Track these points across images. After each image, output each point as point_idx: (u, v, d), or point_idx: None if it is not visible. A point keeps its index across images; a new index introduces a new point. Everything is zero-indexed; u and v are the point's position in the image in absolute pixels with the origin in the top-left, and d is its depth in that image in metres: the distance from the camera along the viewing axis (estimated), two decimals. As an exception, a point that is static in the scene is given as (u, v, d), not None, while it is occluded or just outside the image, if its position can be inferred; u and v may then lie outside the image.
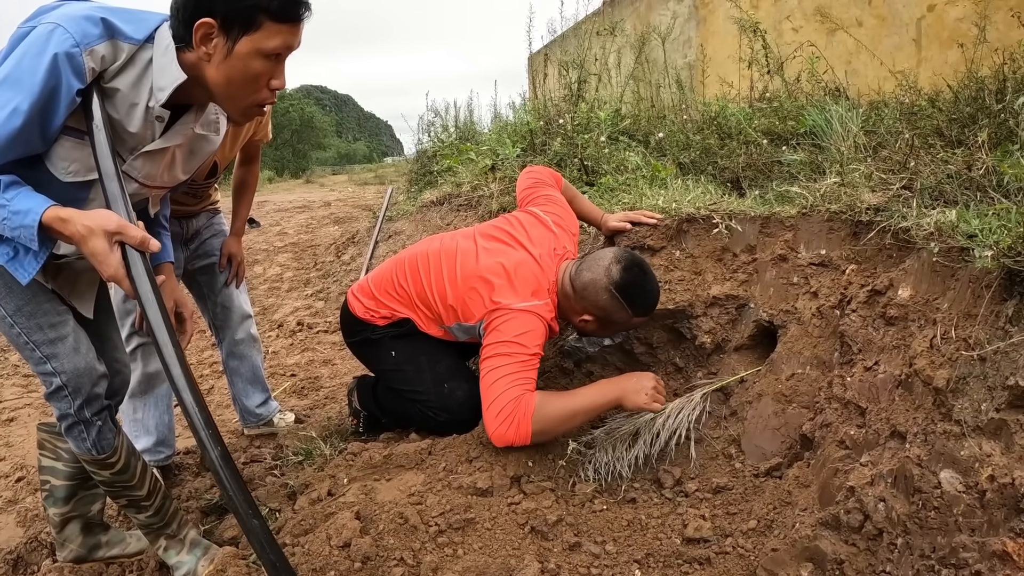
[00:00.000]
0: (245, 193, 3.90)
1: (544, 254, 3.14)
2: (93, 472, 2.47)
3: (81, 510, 2.74)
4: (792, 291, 3.11)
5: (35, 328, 2.22)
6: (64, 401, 2.29)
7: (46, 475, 2.66)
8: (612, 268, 2.97)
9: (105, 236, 1.88)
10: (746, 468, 2.84)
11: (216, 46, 1.96)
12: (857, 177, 3.11)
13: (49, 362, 2.23)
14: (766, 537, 2.41)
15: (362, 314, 3.37)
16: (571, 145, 5.13)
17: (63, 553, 2.77)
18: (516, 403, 2.71)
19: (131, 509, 2.60)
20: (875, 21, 6.97)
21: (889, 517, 2.03)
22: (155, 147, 2.19)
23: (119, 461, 2.47)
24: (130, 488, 2.54)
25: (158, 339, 1.95)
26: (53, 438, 2.62)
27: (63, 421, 2.34)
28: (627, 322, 3.07)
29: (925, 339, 2.22)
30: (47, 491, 2.67)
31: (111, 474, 2.47)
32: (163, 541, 2.68)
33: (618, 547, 2.46)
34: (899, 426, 2.17)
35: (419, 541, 2.41)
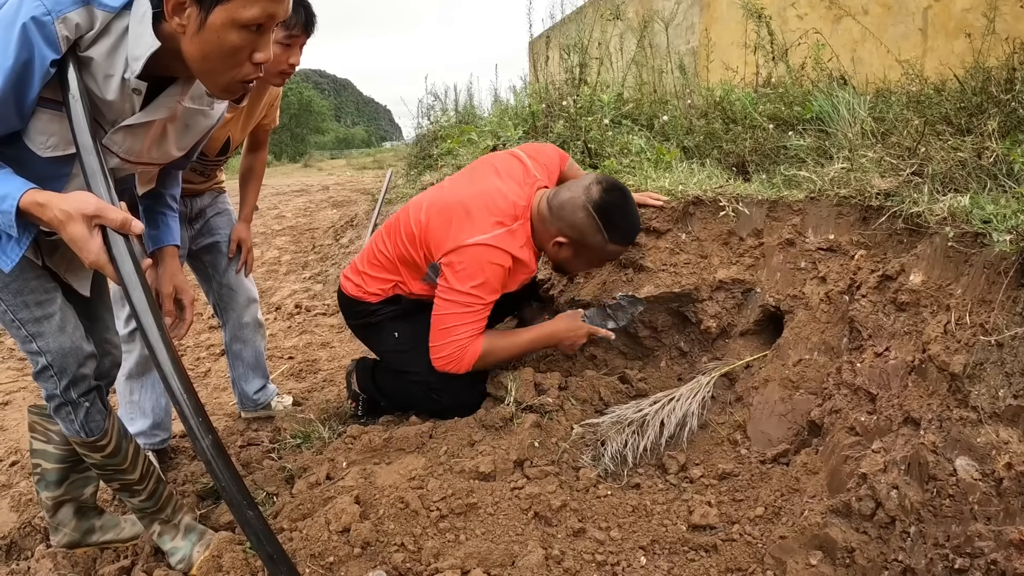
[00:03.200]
0: (252, 179, 3.83)
1: (514, 183, 3.08)
2: (84, 455, 2.42)
3: (74, 493, 2.69)
4: (800, 276, 3.07)
5: (21, 306, 2.16)
6: (50, 381, 2.23)
7: (37, 458, 2.61)
8: (592, 187, 2.93)
9: (84, 220, 1.79)
10: (752, 454, 2.80)
11: (189, 16, 1.80)
12: (866, 162, 3.06)
13: (35, 341, 2.18)
14: (774, 524, 2.37)
15: (353, 292, 3.34)
16: (574, 128, 5.08)
17: (56, 538, 2.72)
18: (463, 350, 2.94)
19: (124, 493, 2.56)
20: (881, 9, 6.92)
21: (902, 505, 1.99)
22: (135, 121, 2.05)
23: (109, 444, 2.41)
24: (122, 472, 2.49)
25: (143, 323, 1.86)
26: (44, 420, 2.57)
27: (50, 402, 2.28)
28: (602, 249, 2.99)
29: (939, 325, 2.18)
30: (39, 475, 2.63)
31: (102, 457, 2.41)
32: (157, 526, 2.63)
33: (623, 533, 2.42)
34: (912, 412, 2.14)
35: (420, 526, 2.37)
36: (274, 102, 3.48)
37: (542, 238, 3.06)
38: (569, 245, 3.00)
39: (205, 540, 2.62)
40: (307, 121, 51.05)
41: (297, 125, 49.71)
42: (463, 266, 2.87)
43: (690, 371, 3.34)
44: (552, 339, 3.13)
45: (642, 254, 3.43)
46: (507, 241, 2.90)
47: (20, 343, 2.21)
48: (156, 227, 2.56)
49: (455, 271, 2.89)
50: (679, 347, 3.45)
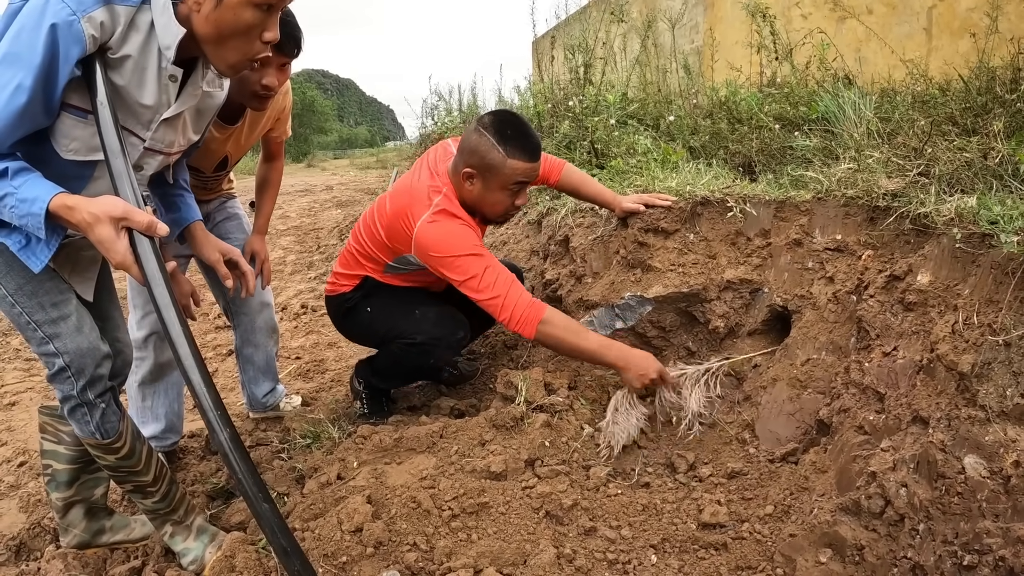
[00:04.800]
0: (268, 190, 3.81)
1: (442, 165, 3.18)
2: (97, 456, 2.44)
3: (84, 494, 2.70)
4: (807, 276, 3.09)
5: (37, 308, 2.18)
6: (67, 383, 2.24)
7: (48, 459, 2.62)
8: (484, 115, 3.05)
9: (111, 223, 1.85)
10: (761, 453, 2.82)
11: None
12: (873, 163, 3.08)
13: (51, 342, 2.19)
14: (783, 523, 2.39)
15: (330, 291, 3.56)
16: (580, 128, 5.09)
17: (67, 539, 2.73)
18: (519, 298, 2.93)
19: (136, 494, 2.57)
20: (885, 9, 6.92)
21: (911, 502, 2.01)
22: (173, 112, 2.16)
23: (124, 446, 2.43)
24: (135, 473, 2.50)
25: (166, 319, 1.91)
26: (55, 421, 2.59)
27: (66, 404, 2.29)
28: (503, 166, 2.95)
29: (947, 324, 2.20)
30: (49, 475, 2.64)
31: (116, 459, 2.43)
32: (169, 527, 2.65)
33: (634, 532, 2.44)
34: (921, 411, 2.15)
35: (432, 526, 2.39)
36: (280, 115, 3.46)
37: (461, 191, 3.09)
38: (476, 176, 3.01)
39: (217, 541, 2.64)
40: (310, 121, 50.99)
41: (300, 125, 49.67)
42: (439, 247, 2.95)
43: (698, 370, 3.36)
44: (622, 360, 2.94)
45: (650, 254, 3.45)
46: (447, 203, 3.01)
47: (35, 345, 2.22)
48: (176, 210, 2.62)
49: (442, 257, 2.96)
50: (687, 347, 3.46)
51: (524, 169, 3.00)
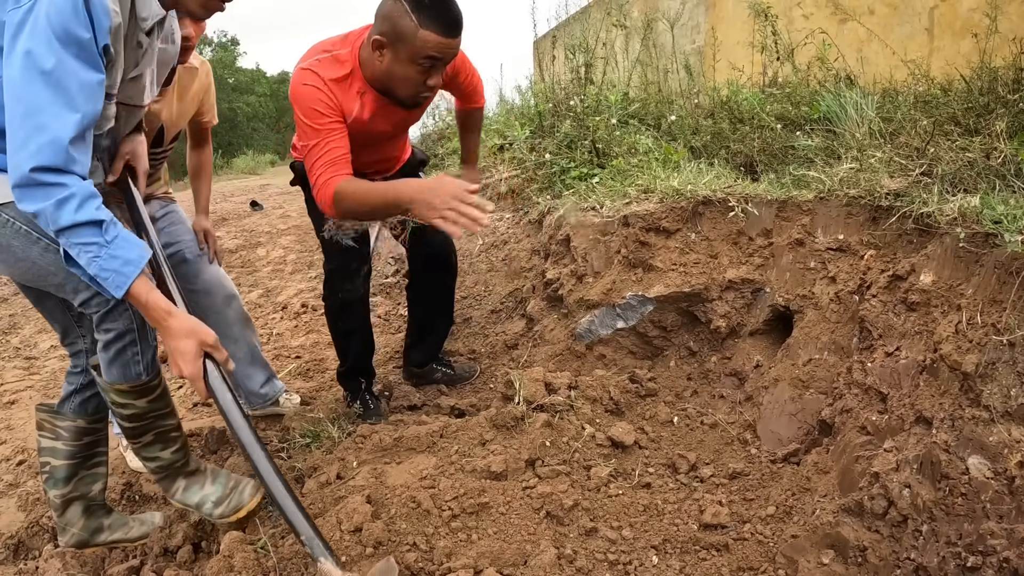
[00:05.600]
0: (202, 175, 3.81)
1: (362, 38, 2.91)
2: (126, 404, 2.37)
3: (82, 490, 2.65)
4: (809, 276, 3.08)
5: None
6: (123, 316, 2.20)
7: (46, 456, 2.59)
8: None
9: (198, 344, 2.08)
10: (762, 454, 2.81)
11: None
12: (875, 162, 3.07)
13: None
14: (785, 523, 2.38)
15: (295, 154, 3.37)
16: (582, 127, 5.08)
17: (65, 538, 2.67)
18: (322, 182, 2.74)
19: (155, 446, 2.51)
20: (887, 9, 6.90)
21: (914, 503, 2.00)
22: (138, 72, 2.23)
23: (159, 384, 2.42)
24: (163, 416, 2.48)
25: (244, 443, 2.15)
26: (52, 417, 2.57)
27: (117, 342, 2.24)
28: (413, 36, 2.63)
29: (950, 324, 2.19)
30: (47, 473, 2.60)
31: (148, 401, 2.39)
32: (182, 481, 2.60)
33: (635, 532, 2.43)
34: (924, 412, 2.14)
35: (432, 526, 2.37)
36: (206, 96, 3.46)
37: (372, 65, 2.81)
38: (386, 45, 2.70)
39: (235, 479, 2.64)
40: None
41: (302, 125, 49.75)
42: (295, 100, 2.83)
43: (700, 370, 3.35)
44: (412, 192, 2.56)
45: (652, 254, 3.44)
46: (322, 66, 2.81)
47: (85, 287, 2.15)
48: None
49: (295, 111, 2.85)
50: (688, 347, 3.46)
51: (436, 43, 2.67)
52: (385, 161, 3.36)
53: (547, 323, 3.91)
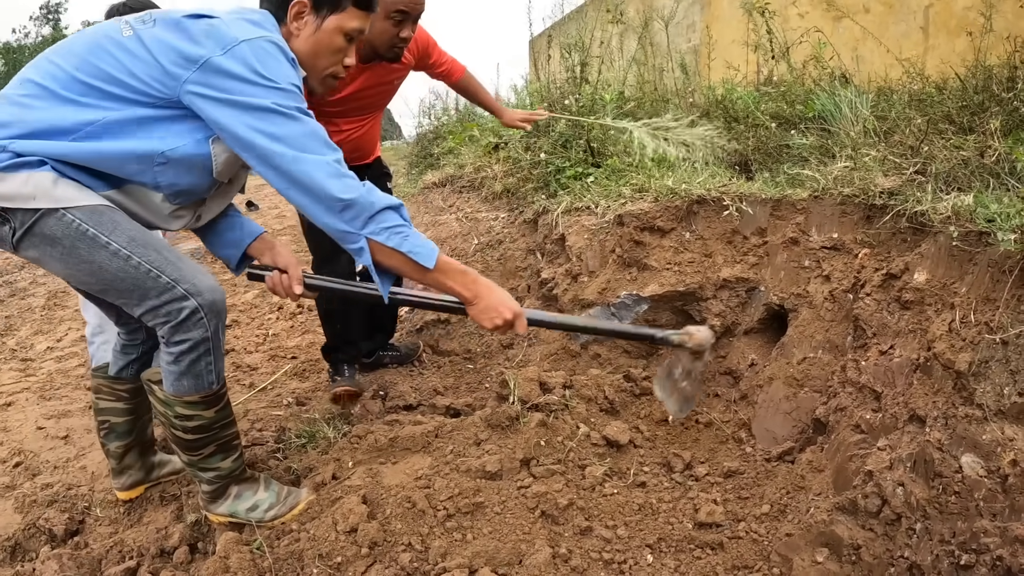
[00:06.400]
0: None
1: None
2: (192, 416, 2.34)
3: (141, 436, 2.82)
4: (803, 274, 3.08)
5: (155, 254, 2.12)
6: (198, 326, 2.17)
7: (105, 415, 2.72)
8: None
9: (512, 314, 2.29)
10: (757, 452, 2.82)
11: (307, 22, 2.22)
12: (869, 161, 3.07)
13: (179, 285, 2.13)
14: (780, 522, 2.38)
15: None
16: (576, 126, 5.07)
17: (122, 480, 2.84)
18: None
19: (215, 458, 2.48)
20: (882, 8, 6.91)
21: (908, 502, 2.00)
22: None
23: (226, 393, 2.42)
24: (227, 425, 2.47)
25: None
26: (110, 382, 2.69)
27: (191, 353, 2.21)
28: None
29: (944, 323, 2.19)
30: (107, 428, 2.74)
31: (216, 411, 2.38)
32: (234, 488, 2.58)
33: (629, 531, 2.43)
34: (918, 410, 2.14)
35: (427, 526, 2.37)
36: None
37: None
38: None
39: (286, 487, 2.66)
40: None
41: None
42: None
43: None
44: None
45: (646, 253, 3.44)
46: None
47: (156, 296, 2.14)
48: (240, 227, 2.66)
49: None
50: (683, 346, 3.44)
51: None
52: (360, 149, 3.56)
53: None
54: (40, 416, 4.06)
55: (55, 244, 2.05)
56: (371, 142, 3.67)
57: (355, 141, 3.48)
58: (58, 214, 2.01)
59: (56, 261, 2.10)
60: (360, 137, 3.52)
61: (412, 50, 3.37)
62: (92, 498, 3.06)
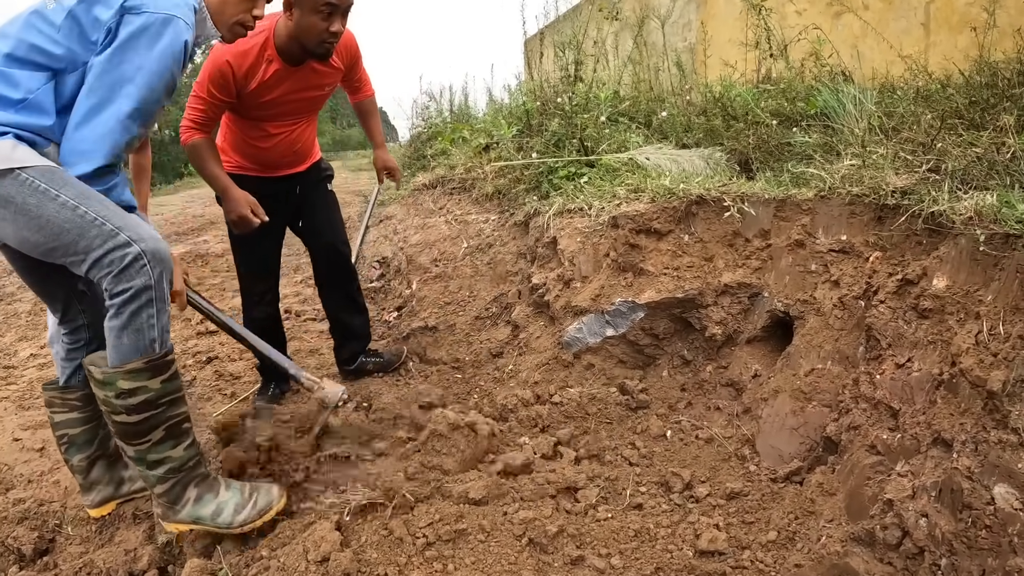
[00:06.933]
0: (143, 176, 4.05)
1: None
2: (137, 389, 2.26)
3: (104, 447, 2.76)
4: (810, 279, 2.92)
5: (101, 205, 2.18)
6: (142, 272, 2.17)
7: (62, 429, 2.69)
8: None
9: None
10: (762, 471, 2.64)
11: None
12: (878, 158, 2.91)
13: (122, 232, 2.16)
14: (788, 551, 2.20)
15: None
16: (570, 125, 4.94)
17: (91, 496, 2.78)
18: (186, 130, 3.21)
19: (165, 444, 2.36)
20: (882, 4, 6.80)
21: (932, 535, 1.83)
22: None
23: (173, 362, 2.33)
24: (175, 403, 2.36)
25: None
26: (62, 393, 2.67)
27: (132, 303, 2.18)
28: None
29: (969, 335, 2.01)
30: (67, 443, 2.70)
31: (162, 382, 2.28)
32: (192, 491, 2.43)
33: (624, 561, 2.25)
34: (943, 432, 1.97)
35: (405, 555, 2.20)
36: None
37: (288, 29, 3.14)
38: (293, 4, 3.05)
39: (250, 484, 2.53)
40: (303, 123, 51.12)
41: (292, 127, 49.93)
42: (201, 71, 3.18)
43: (694, 380, 3.19)
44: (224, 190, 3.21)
45: (642, 257, 3.30)
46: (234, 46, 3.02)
47: (101, 242, 2.16)
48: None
49: None
50: (682, 355, 3.31)
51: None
52: (293, 155, 3.59)
53: (533, 330, 3.75)
54: (17, 427, 3.94)
55: (8, 204, 2.14)
56: (306, 148, 3.67)
57: (287, 146, 3.51)
58: (13, 174, 2.12)
59: (7, 223, 2.17)
60: (291, 142, 3.52)
61: (343, 56, 3.42)
62: (64, 515, 2.96)
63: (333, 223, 3.84)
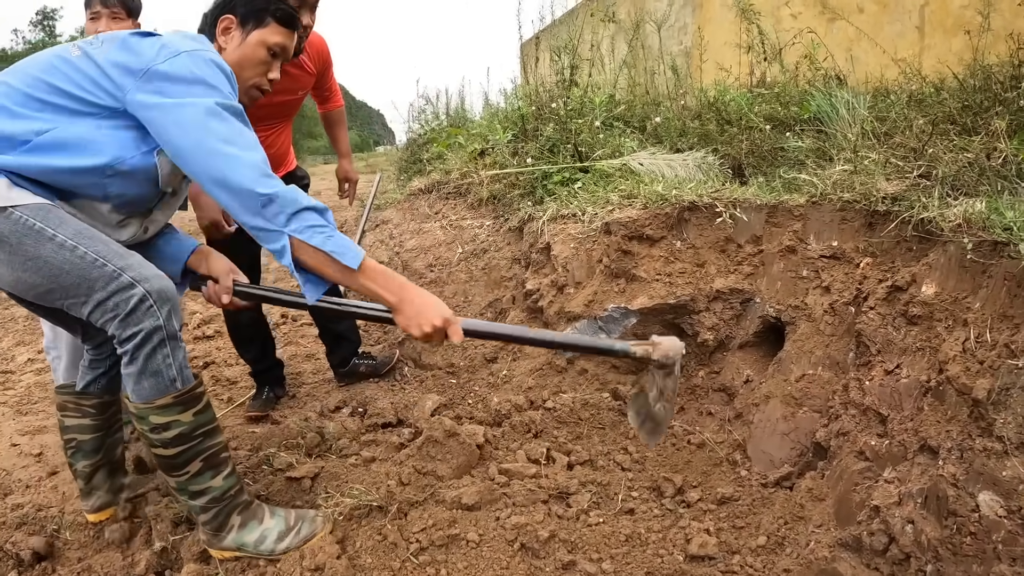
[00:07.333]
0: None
1: None
2: (169, 424, 2.20)
3: (109, 456, 2.74)
4: (802, 285, 2.93)
5: (101, 245, 2.11)
6: (149, 314, 2.09)
7: (72, 433, 2.65)
8: None
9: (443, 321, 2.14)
10: (753, 476, 2.65)
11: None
12: (870, 164, 2.92)
13: (125, 273, 2.08)
14: (777, 555, 2.21)
15: None
16: (564, 130, 4.94)
17: (90, 502, 2.73)
18: None
19: (205, 476, 2.31)
20: (877, 7, 6.81)
21: (918, 541, 1.84)
22: None
23: (204, 392, 2.28)
24: (211, 433, 2.30)
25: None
26: (75, 398, 2.63)
27: (144, 346, 2.11)
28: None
29: (956, 342, 2.02)
30: (74, 447, 2.66)
31: (194, 414, 2.23)
32: (236, 518, 2.39)
33: (616, 565, 2.26)
34: (930, 439, 1.98)
35: (399, 559, 2.21)
36: None
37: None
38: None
39: (295, 512, 2.47)
40: (300, 126, 50.84)
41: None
42: None
43: (686, 386, 3.20)
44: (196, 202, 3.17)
45: (635, 263, 3.30)
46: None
47: (104, 283, 2.08)
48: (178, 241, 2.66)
49: None
50: (674, 361, 3.30)
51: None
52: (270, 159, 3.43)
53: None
54: (15, 432, 3.92)
55: (2, 244, 2.07)
56: (281, 154, 3.64)
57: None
58: (5, 212, 2.04)
59: (2, 264, 2.11)
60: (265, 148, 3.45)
61: (315, 60, 3.45)
62: (62, 520, 2.90)
63: None
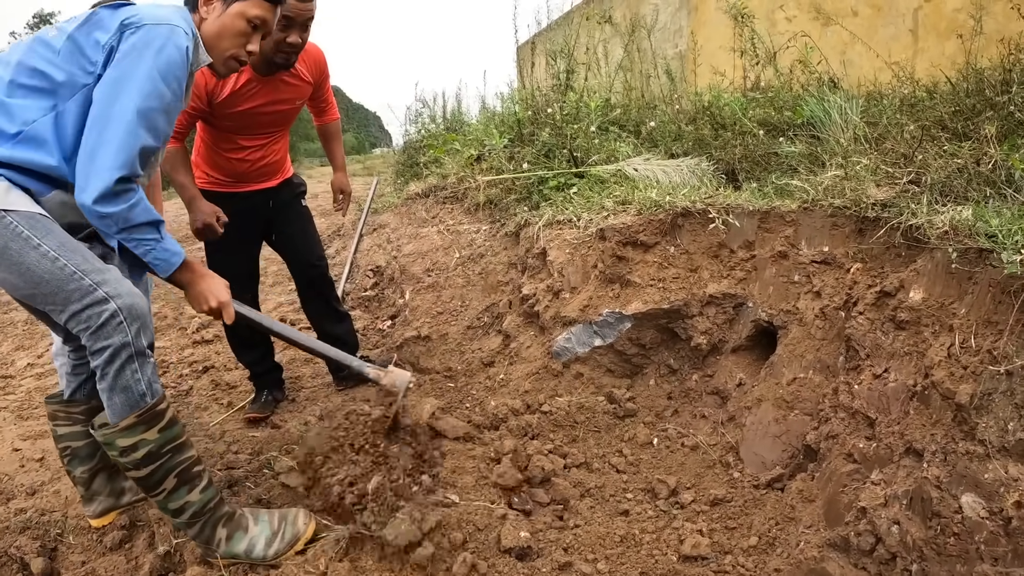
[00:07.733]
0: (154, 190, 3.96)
1: None
2: (136, 444, 2.26)
3: (105, 460, 2.71)
4: (793, 290, 2.96)
5: (81, 259, 2.17)
6: (119, 330, 2.15)
7: (65, 442, 2.67)
8: None
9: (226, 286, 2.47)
10: (745, 478, 2.69)
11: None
12: (861, 170, 2.96)
13: (100, 288, 2.14)
14: (768, 556, 2.26)
15: None
16: (560, 135, 4.97)
17: (92, 507, 2.75)
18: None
19: (181, 491, 2.36)
20: (871, 11, 6.84)
21: (904, 541, 1.88)
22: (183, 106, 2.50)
23: (168, 408, 2.32)
24: (180, 448, 2.34)
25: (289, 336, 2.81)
26: (64, 407, 2.65)
27: (114, 362, 2.17)
28: None
29: (942, 347, 2.06)
30: (69, 455, 2.68)
31: (159, 431, 2.27)
32: (221, 531, 2.45)
33: (611, 566, 2.30)
34: (915, 443, 2.02)
35: (399, 562, 2.24)
36: None
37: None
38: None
39: (279, 513, 2.52)
40: (296, 128, 50.71)
41: (287, 132, 49.67)
42: None
43: (680, 389, 3.23)
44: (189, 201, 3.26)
45: (629, 268, 3.33)
46: None
47: (79, 296, 2.15)
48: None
49: None
50: (668, 364, 3.34)
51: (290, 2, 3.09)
52: (264, 168, 3.61)
53: (523, 340, 3.78)
54: (16, 437, 3.93)
55: None
56: (278, 163, 3.70)
57: (258, 160, 3.54)
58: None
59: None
60: (263, 156, 3.55)
61: (312, 70, 3.47)
62: (65, 524, 2.93)
63: (307, 239, 3.90)
